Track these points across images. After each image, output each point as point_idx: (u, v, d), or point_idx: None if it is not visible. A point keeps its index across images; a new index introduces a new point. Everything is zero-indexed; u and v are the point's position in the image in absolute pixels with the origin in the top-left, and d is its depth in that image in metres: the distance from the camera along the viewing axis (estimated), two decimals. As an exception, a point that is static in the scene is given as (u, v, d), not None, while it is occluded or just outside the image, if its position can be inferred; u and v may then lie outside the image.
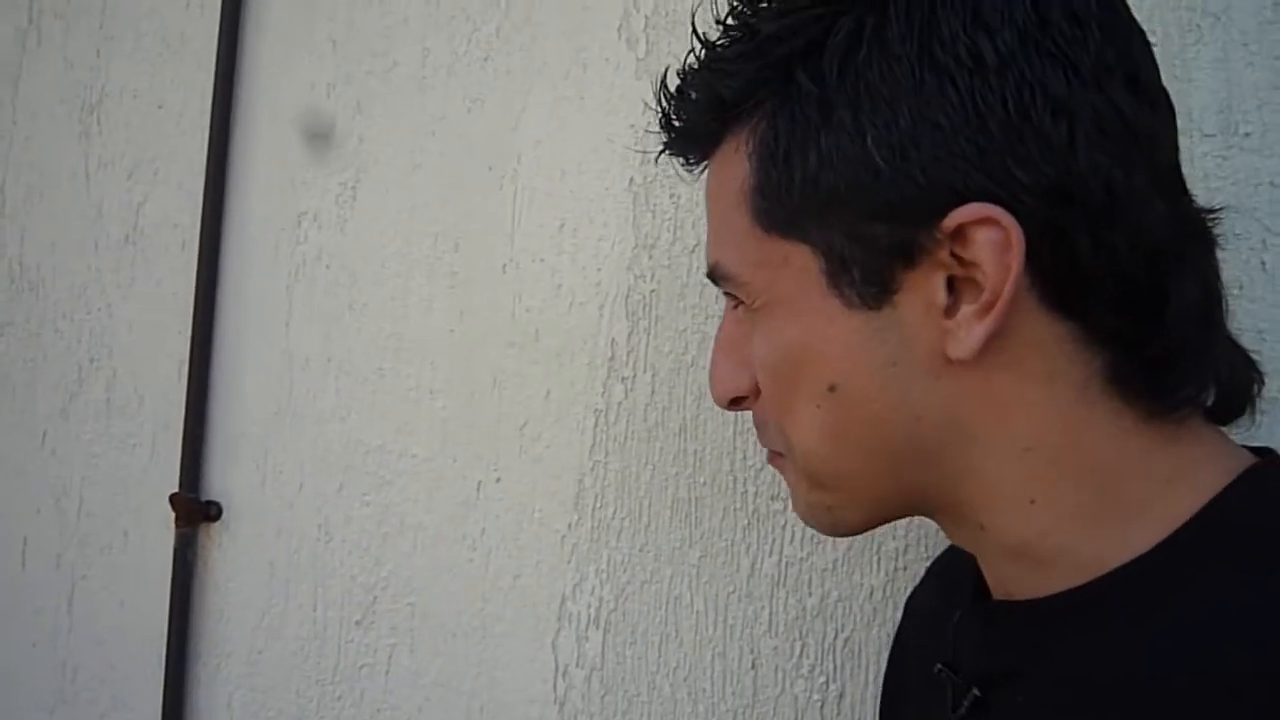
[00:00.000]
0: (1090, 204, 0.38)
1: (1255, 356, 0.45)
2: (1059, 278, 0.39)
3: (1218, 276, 0.42)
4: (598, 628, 0.80)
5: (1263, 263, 0.59)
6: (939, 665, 0.47)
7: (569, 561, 0.81)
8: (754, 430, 0.76)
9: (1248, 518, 0.38)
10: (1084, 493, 0.40)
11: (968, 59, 0.38)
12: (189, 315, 0.97)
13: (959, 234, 0.39)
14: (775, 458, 0.48)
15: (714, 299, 0.78)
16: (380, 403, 0.89)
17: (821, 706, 0.73)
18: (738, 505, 0.77)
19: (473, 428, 0.86)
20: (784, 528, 0.75)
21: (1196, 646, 0.36)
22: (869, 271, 0.41)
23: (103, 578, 1.03)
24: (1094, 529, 0.40)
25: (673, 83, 0.47)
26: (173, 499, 0.93)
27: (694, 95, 0.45)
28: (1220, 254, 0.43)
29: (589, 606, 0.80)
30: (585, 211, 0.83)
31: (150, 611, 0.98)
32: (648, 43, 0.81)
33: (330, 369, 0.92)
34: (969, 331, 0.39)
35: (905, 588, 0.73)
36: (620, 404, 0.80)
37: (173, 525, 0.96)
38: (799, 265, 0.42)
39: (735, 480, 0.77)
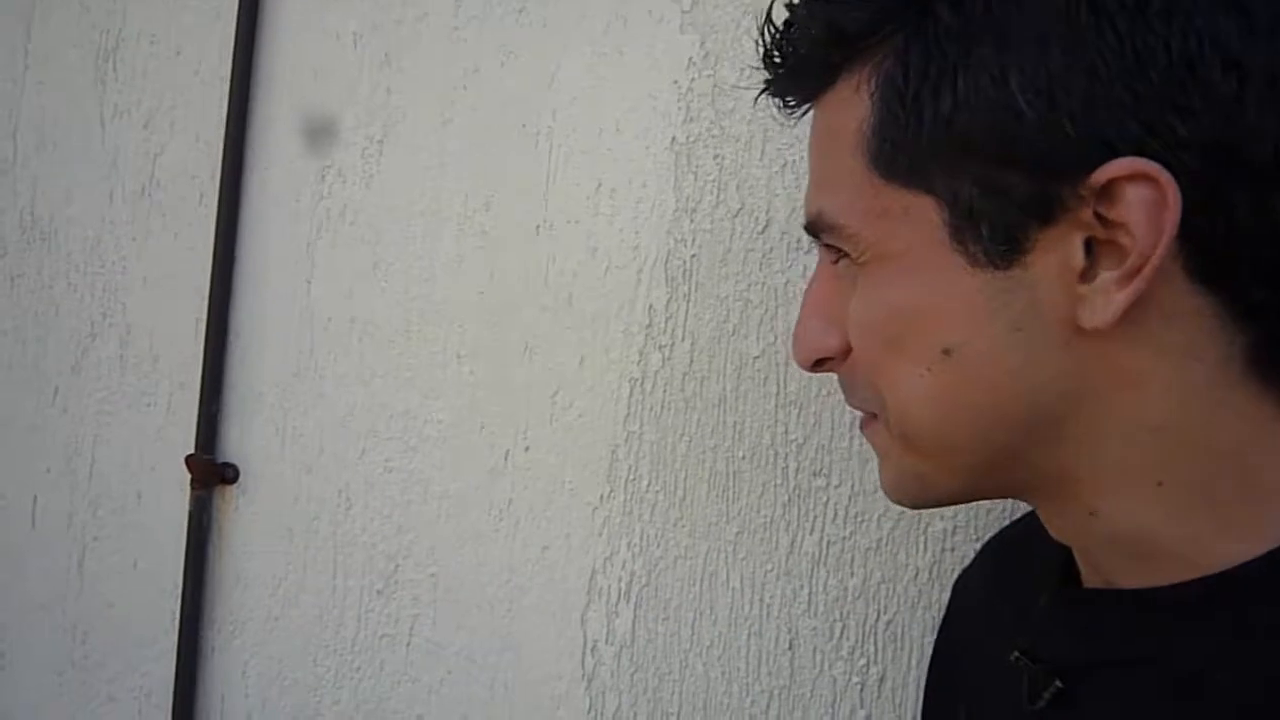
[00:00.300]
0: (1255, 166, 0.35)
1: None
2: (1210, 245, 0.36)
3: None
4: (629, 603, 0.78)
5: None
6: (1015, 653, 0.44)
7: (600, 534, 0.79)
8: (796, 405, 0.74)
9: None
10: (1218, 478, 0.38)
11: (1130, 2, 0.35)
12: (207, 271, 0.94)
13: (1107, 191, 0.36)
14: (868, 421, 0.46)
15: (759, 266, 0.76)
16: (406, 366, 0.87)
17: (861, 690, 0.72)
18: (778, 480, 0.74)
19: (502, 394, 0.83)
20: (826, 505, 0.73)
21: None
22: (1000, 227, 0.38)
23: (115, 540, 1.02)
24: (1227, 518, 0.38)
25: (779, 16, 0.44)
26: (188, 460, 0.91)
27: (809, 28, 0.42)
28: None
29: (620, 581, 0.78)
30: (624, 172, 0.80)
31: (163, 575, 0.97)
32: (694, -6, 0.78)
33: (353, 330, 0.89)
34: (1108, 299, 0.37)
35: (952, 570, 0.71)
36: (657, 373, 0.78)
37: (188, 487, 0.93)
38: (920, 217, 0.39)
39: (776, 454, 0.74)
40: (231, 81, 0.92)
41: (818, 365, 0.46)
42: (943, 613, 0.67)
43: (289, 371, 0.92)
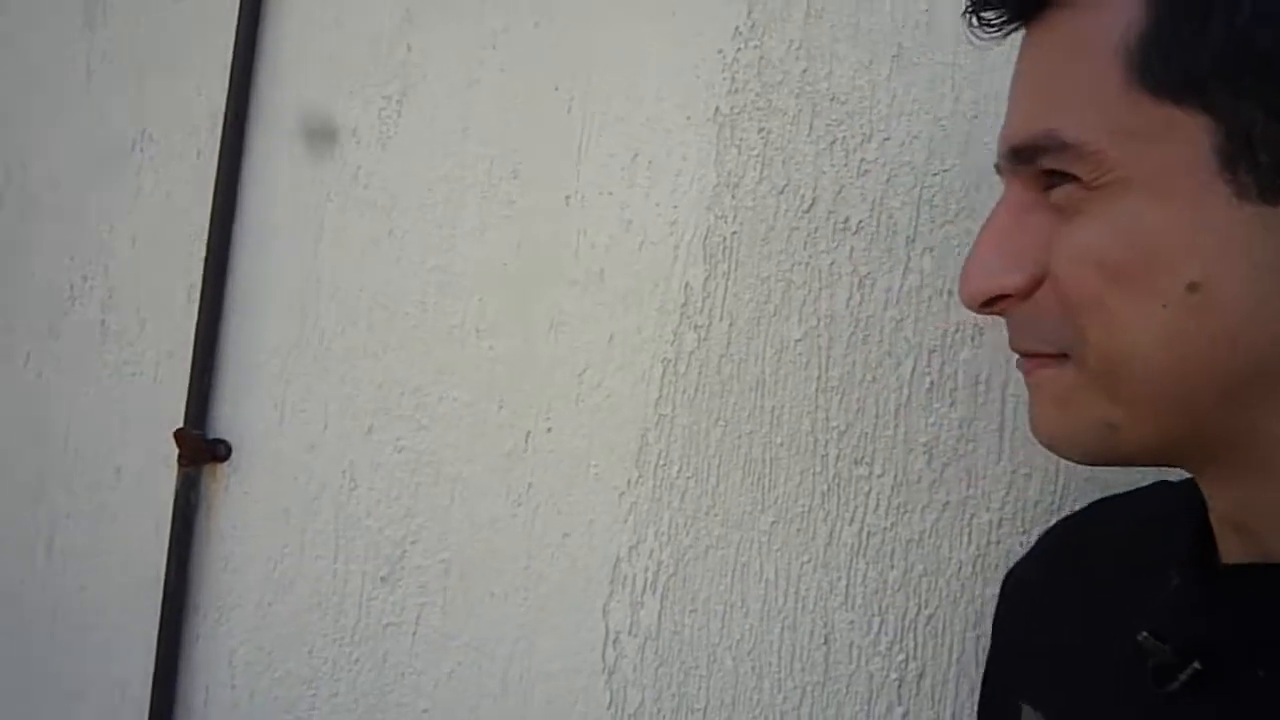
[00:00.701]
0: None
1: None
2: None
3: None
4: (654, 593, 0.75)
5: None
6: (1143, 634, 0.43)
7: (626, 521, 0.76)
8: (839, 390, 0.72)
9: None
10: None
11: None
12: (202, 233, 0.89)
13: None
14: (1044, 363, 0.44)
15: (802, 245, 0.74)
16: (420, 340, 0.84)
17: (899, 686, 0.70)
18: (817, 469, 0.73)
19: (524, 372, 0.80)
20: (868, 495, 0.71)
21: None
22: (1277, 158, 0.36)
23: (89, 518, 0.96)
24: None
25: None
26: (177, 435, 0.86)
27: None
28: None
29: (646, 570, 0.76)
30: (662, 143, 0.78)
31: (143, 557, 0.92)
32: (743, -40, 0.76)
33: (363, 300, 0.86)
34: None
35: (997, 564, 0.70)
36: (692, 353, 0.76)
37: (174, 463, 0.88)
38: (1185, 138, 0.38)
39: (815, 441, 0.72)
40: (238, 30, 0.87)
41: (988, 304, 0.44)
42: (991, 608, 0.66)
43: (291, 342, 0.88)
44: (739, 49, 0.76)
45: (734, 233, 0.76)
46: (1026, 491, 0.69)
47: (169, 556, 0.88)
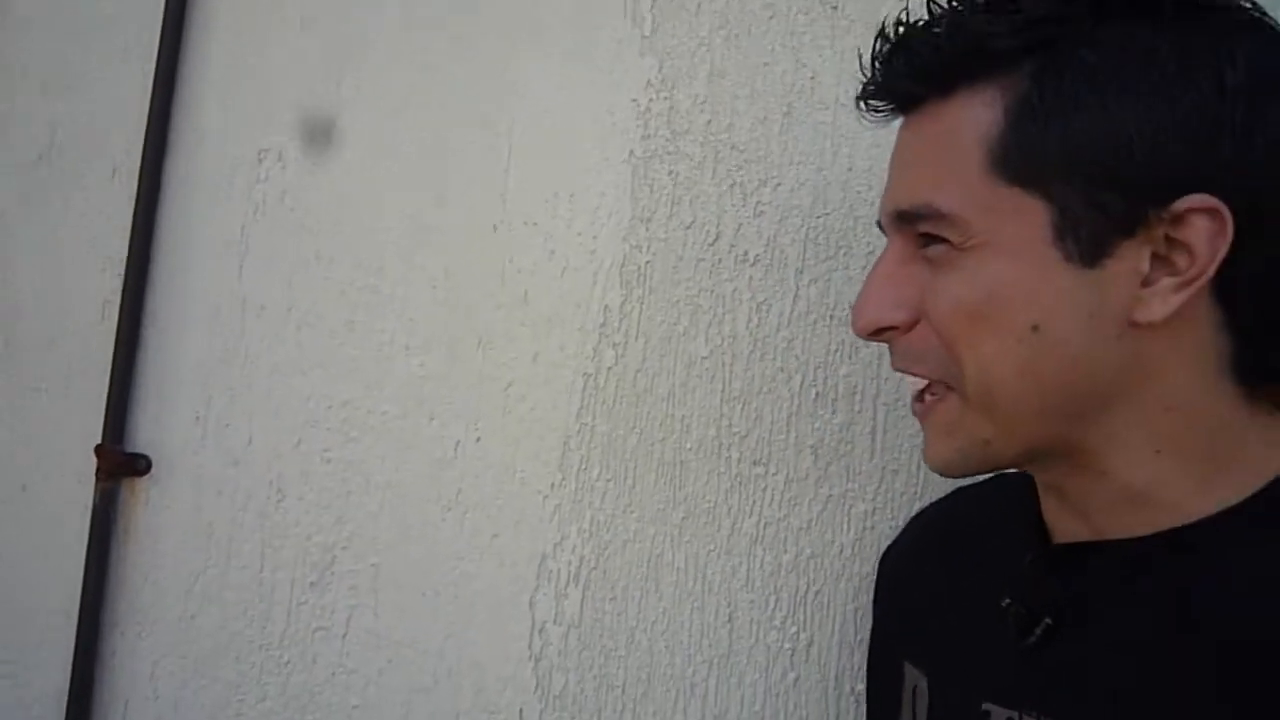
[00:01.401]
0: (1272, 224, 0.50)
1: None
2: (1233, 273, 0.50)
3: None
4: (577, 585, 0.85)
5: None
6: (1006, 600, 0.58)
7: (551, 521, 0.86)
8: (740, 400, 0.84)
9: None
10: (1202, 449, 0.53)
11: (1216, 81, 0.49)
12: (117, 250, 0.92)
13: (1181, 218, 0.49)
14: (932, 400, 0.58)
15: (708, 274, 0.86)
16: (348, 357, 0.90)
17: (792, 655, 0.82)
18: (721, 469, 0.84)
19: (453, 387, 0.88)
20: (764, 490, 0.84)
21: None
22: (1093, 234, 0.51)
23: (-12, 538, 0.95)
24: (1205, 478, 0.53)
25: (894, 32, 0.56)
26: (97, 450, 0.89)
27: (953, 38, 0.53)
28: None
29: (569, 564, 0.85)
30: (582, 180, 0.88)
31: (51, 577, 0.93)
32: (653, 22, 0.87)
33: (290, 318, 0.91)
34: (1164, 301, 0.50)
35: (873, 545, 0.83)
36: (610, 369, 0.86)
37: (84, 480, 0.90)
38: (1029, 216, 0.51)
39: (720, 445, 0.84)
40: (160, 52, 0.90)
41: (875, 334, 0.58)
42: (868, 585, 0.79)
43: (215, 358, 0.92)
44: (651, 100, 0.87)
45: (647, 262, 0.87)
46: (895, 485, 0.84)
47: (85, 573, 0.89)
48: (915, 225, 0.55)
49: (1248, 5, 0.53)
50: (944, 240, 0.53)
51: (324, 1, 0.95)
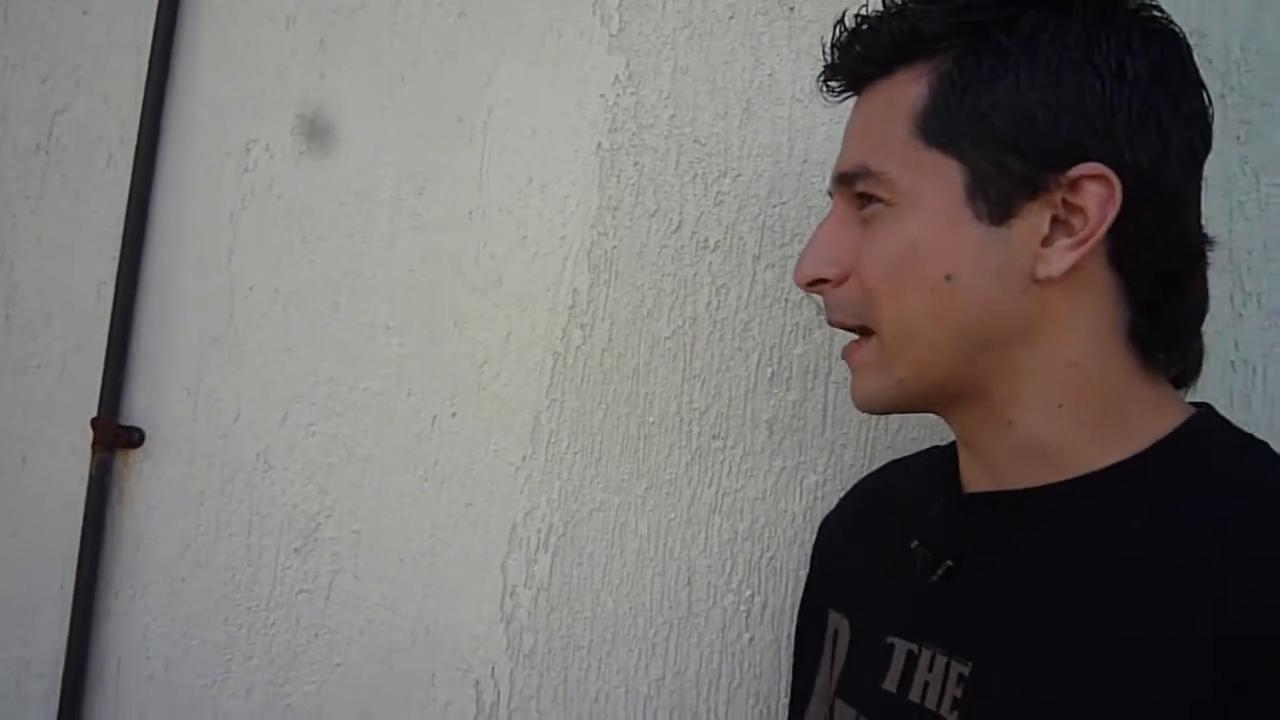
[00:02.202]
0: (1162, 198, 0.55)
1: None
2: (1126, 241, 0.55)
3: (1207, 286, 0.60)
4: (546, 551, 0.88)
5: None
6: (914, 543, 0.59)
7: (522, 491, 0.89)
8: (700, 378, 0.87)
9: (1207, 436, 0.57)
10: (1099, 406, 0.57)
11: (1114, 67, 0.55)
12: (111, 234, 0.94)
13: (1075, 184, 0.55)
14: (856, 344, 0.63)
15: (671, 260, 0.89)
16: (332, 336, 0.92)
17: (747, 616, 0.86)
18: (683, 443, 0.87)
19: (430, 364, 0.91)
20: (722, 463, 0.87)
21: (1196, 513, 0.52)
22: (1000, 195, 0.56)
23: (-8, 508, 0.97)
24: (1100, 435, 0.57)
25: (851, 21, 0.63)
26: (94, 422, 0.91)
27: (895, 26, 0.59)
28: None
29: (539, 532, 0.88)
30: (553, 170, 0.90)
31: (52, 543, 0.95)
32: (620, 21, 0.90)
33: (277, 300, 0.93)
34: (1060, 258, 0.55)
35: (823, 514, 0.86)
36: (579, 348, 0.89)
37: (81, 451, 0.93)
38: (945, 176, 0.57)
39: (682, 420, 0.87)
40: (153, 48, 0.93)
41: (813, 285, 0.63)
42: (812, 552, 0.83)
43: (206, 338, 0.94)
44: (618, 95, 0.90)
45: (614, 247, 0.90)
46: (844, 458, 0.87)
47: (82, 538, 0.92)
48: (853, 185, 0.60)
49: (1155, 11, 0.58)
50: (878, 200, 0.58)
51: (307, 3, 0.97)
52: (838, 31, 0.64)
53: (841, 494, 0.88)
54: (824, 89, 0.66)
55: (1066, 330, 0.56)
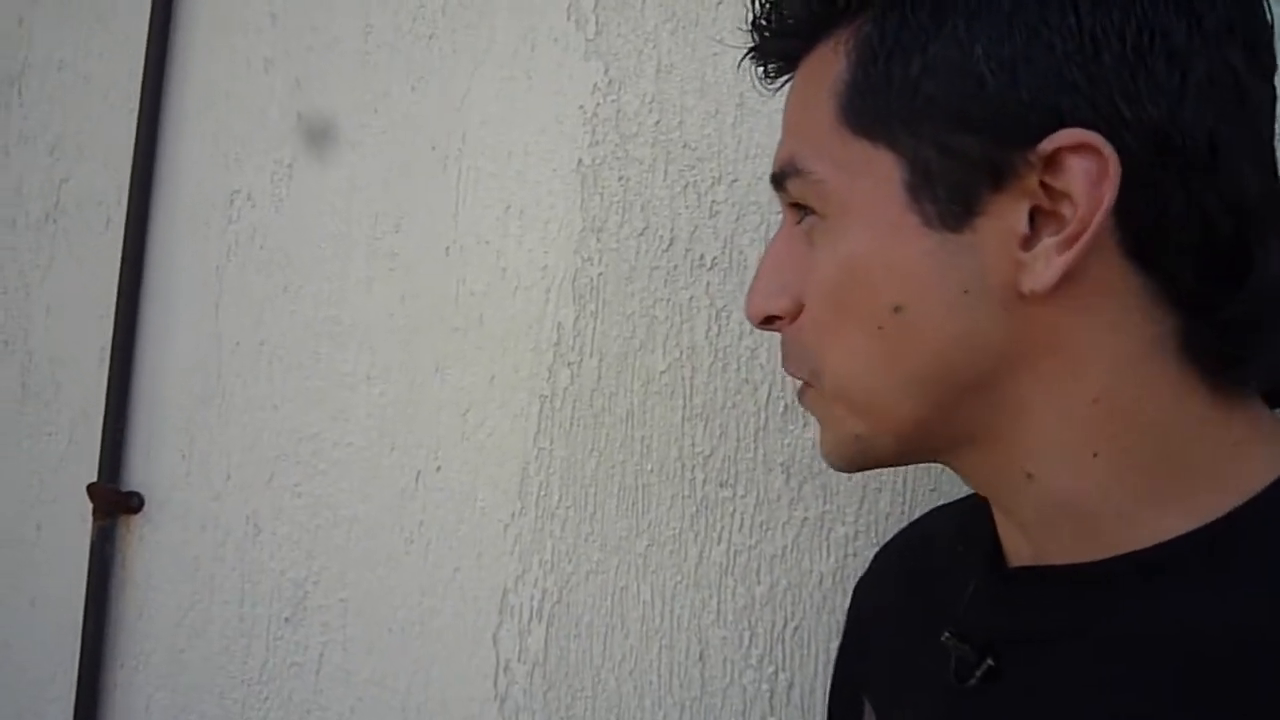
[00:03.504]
0: (1190, 155, 0.36)
1: None
2: (1145, 226, 0.36)
3: None
4: (540, 621, 0.75)
5: None
6: (946, 634, 0.43)
7: (512, 552, 0.76)
8: (703, 417, 0.73)
9: None
10: (1150, 452, 0.38)
11: None
12: (110, 297, 0.89)
13: (1053, 160, 0.36)
14: (805, 390, 0.45)
15: (663, 283, 0.74)
16: (315, 389, 0.83)
17: (770, 697, 0.69)
18: (686, 493, 0.72)
19: (412, 415, 0.80)
20: (732, 515, 0.71)
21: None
22: (954, 188, 0.38)
23: (11, 574, 0.94)
24: (1157, 491, 0.38)
25: None
26: (91, 489, 0.85)
27: None
28: None
29: (532, 599, 0.75)
30: (532, 193, 0.78)
31: (63, 611, 0.89)
32: (598, 23, 0.77)
33: (262, 353, 0.85)
34: (1047, 263, 0.37)
35: (855, 574, 0.69)
36: (566, 389, 0.76)
37: (90, 517, 0.87)
38: (881, 174, 0.39)
39: (683, 467, 0.72)
40: (140, 106, 0.87)
41: (766, 323, 0.45)
42: (845, 620, 0.66)
43: (196, 397, 0.87)
44: (598, 104, 0.77)
45: (600, 274, 0.76)
46: (878, 504, 0.69)
47: (86, 608, 0.85)
48: (786, 188, 0.43)
49: None
50: (809, 209, 0.42)
51: (284, 42, 0.84)
52: (757, 4, 0.46)
53: (877, 548, 0.71)
54: (759, 76, 0.48)
55: (1080, 356, 0.38)
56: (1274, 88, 0.39)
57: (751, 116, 0.73)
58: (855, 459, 0.44)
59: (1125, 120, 0.35)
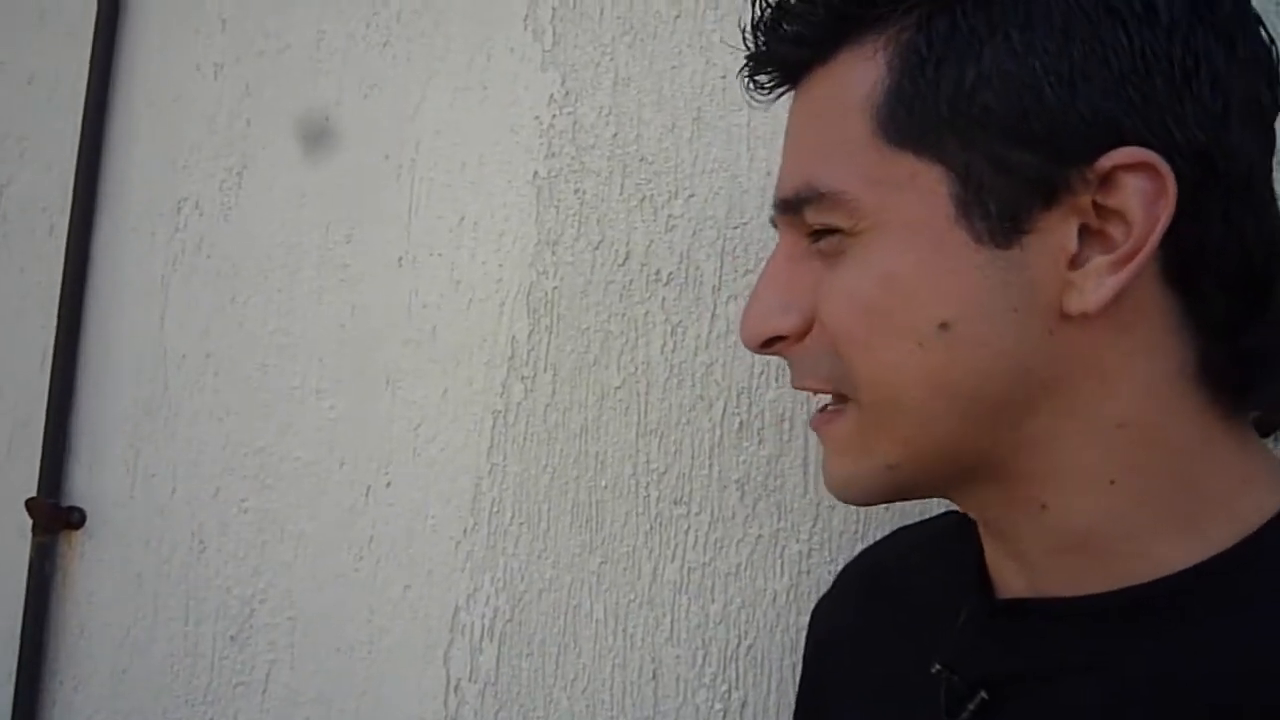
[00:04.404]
0: (1232, 181, 0.36)
1: None
2: (1188, 249, 0.35)
3: None
4: (492, 639, 0.72)
5: None
6: (937, 666, 0.41)
7: (463, 570, 0.73)
8: (657, 434, 0.70)
9: None
10: (1167, 480, 0.37)
11: (1141, 9, 0.35)
12: (54, 304, 0.84)
13: (1109, 179, 0.35)
14: (829, 415, 0.42)
15: (619, 297, 0.72)
16: (262, 402, 0.79)
17: (724, 716, 0.67)
18: (639, 510, 0.70)
19: (363, 429, 0.77)
20: (686, 532, 0.69)
21: None
22: (1005, 204, 0.36)
23: (-52, 592, 0.89)
24: (1169, 520, 0.36)
25: None
26: (30, 504, 0.80)
27: None
28: None
29: (483, 617, 0.72)
30: (486, 205, 0.75)
31: (0, 628, 0.85)
32: (554, 34, 0.75)
33: (208, 365, 0.81)
34: (1098, 284, 0.35)
35: (809, 593, 0.67)
36: (520, 404, 0.73)
37: (30, 533, 0.83)
38: (926, 187, 0.37)
39: (637, 484, 0.70)
40: (85, 109, 0.83)
41: (766, 345, 0.43)
42: (802, 640, 0.64)
43: (141, 409, 0.83)
44: (554, 115, 0.75)
45: (555, 287, 0.74)
46: (831, 522, 0.67)
47: (23, 626, 0.80)
48: (802, 214, 0.41)
49: None
50: (834, 230, 0.39)
51: (234, 48, 0.81)
52: (759, 7, 0.42)
53: (831, 566, 0.69)
54: (749, 86, 0.45)
55: (1114, 379, 0.37)
56: (1274, 129, 0.39)
57: (709, 131, 0.71)
58: (881, 491, 0.42)
59: (1176, 143, 0.35)
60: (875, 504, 0.46)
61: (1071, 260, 0.36)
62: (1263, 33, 0.37)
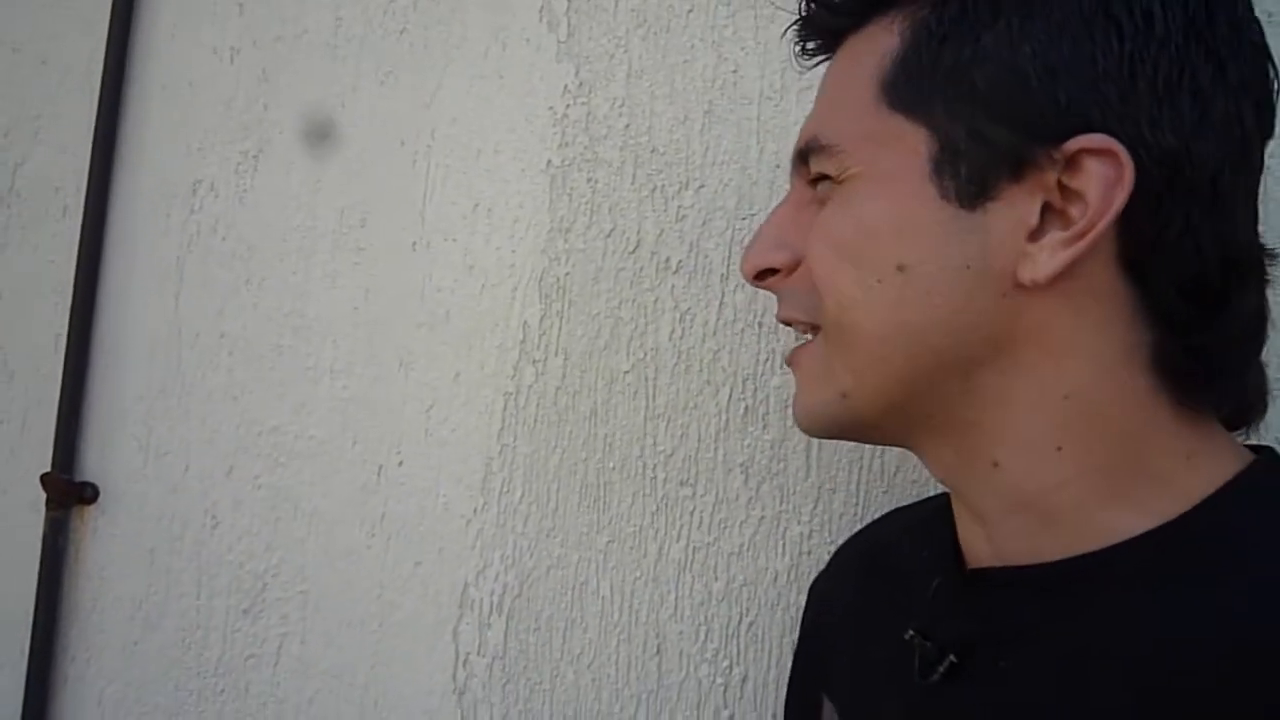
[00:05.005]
0: (1195, 187, 0.38)
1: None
2: (1143, 241, 0.38)
3: (1267, 305, 0.41)
4: (500, 615, 0.73)
5: None
6: (910, 632, 0.43)
7: (473, 547, 0.74)
8: (664, 418, 0.72)
9: (1265, 495, 0.38)
10: (1112, 453, 0.39)
11: (1139, 19, 0.38)
12: (68, 285, 0.84)
13: (1074, 161, 0.38)
14: (800, 349, 0.46)
15: (629, 284, 0.73)
16: (277, 381, 0.80)
17: (725, 690, 0.69)
18: (646, 490, 0.71)
19: (376, 409, 0.77)
20: (692, 513, 0.70)
21: (1231, 613, 0.34)
22: (975, 170, 0.39)
23: (-41, 565, 0.89)
24: (1114, 492, 0.39)
25: None
26: (44, 479, 0.80)
27: None
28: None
29: (492, 593, 0.73)
30: (500, 192, 0.76)
31: (12, 604, 0.85)
32: (569, 26, 0.75)
33: (223, 345, 0.81)
34: (1051, 255, 0.38)
35: (809, 572, 0.69)
36: (531, 387, 0.74)
37: (43, 508, 0.83)
38: (908, 146, 0.40)
39: (645, 466, 0.71)
40: (101, 91, 0.83)
41: (760, 278, 0.47)
42: (799, 617, 0.66)
43: (155, 388, 0.83)
44: (568, 106, 0.75)
45: (567, 274, 0.75)
46: (832, 505, 0.69)
47: (37, 600, 0.81)
48: (808, 163, 0.45)
49: None
50: (827, 178, 0.43)
51: (251, 32, 0.82)
52: None
53: (831, 547, 0.70)
54: (798, 52, 0.49)
55: (1061, 351, 0.39)
56: (1263, 156, 0.41)
57: (719, 123, 0.72)
58: (833, 418, 0.44)
59: (1146, 142, 0.37)
60: (835, 438, 0.48)
61: (1032, 234, 0.38)
62: (1270, 68, 0.40)
